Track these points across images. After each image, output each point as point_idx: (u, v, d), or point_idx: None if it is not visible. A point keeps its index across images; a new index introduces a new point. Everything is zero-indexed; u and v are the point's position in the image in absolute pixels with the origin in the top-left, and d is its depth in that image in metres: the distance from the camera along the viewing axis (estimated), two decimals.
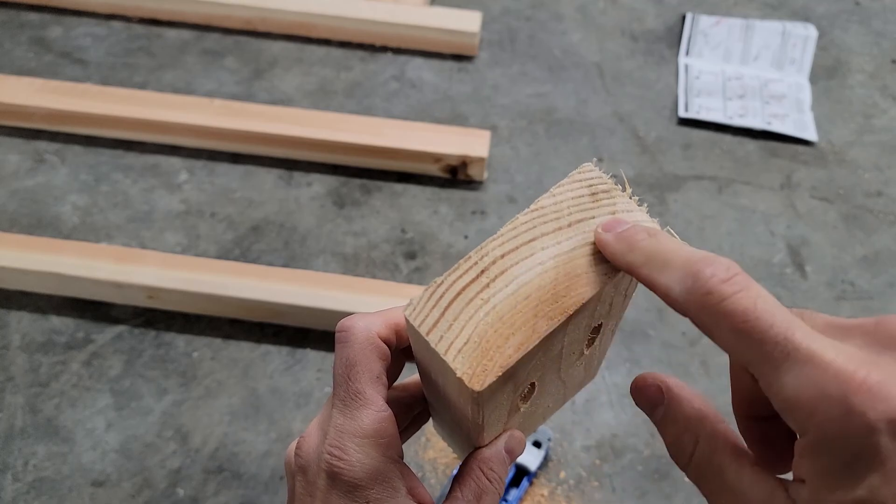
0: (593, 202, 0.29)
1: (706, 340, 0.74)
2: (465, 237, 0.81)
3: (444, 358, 0.26)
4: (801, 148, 0.90)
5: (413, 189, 0.84)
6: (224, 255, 0.78)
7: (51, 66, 0.94)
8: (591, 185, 0.29)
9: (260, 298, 0.71)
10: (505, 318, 0.26)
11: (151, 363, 0.71)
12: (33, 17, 1.00)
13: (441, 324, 0.26)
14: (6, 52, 0.96)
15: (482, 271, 0.27)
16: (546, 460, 0.66)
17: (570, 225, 0.28)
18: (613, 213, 0.28)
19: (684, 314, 0.25)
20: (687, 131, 0.91)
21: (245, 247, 0.79)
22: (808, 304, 0.76)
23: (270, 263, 0.78)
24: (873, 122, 0.93)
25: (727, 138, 0.91)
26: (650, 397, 0.29)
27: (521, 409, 0.32)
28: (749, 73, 0.97)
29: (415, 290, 0.72)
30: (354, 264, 0.78)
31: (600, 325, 0.32)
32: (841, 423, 0.22)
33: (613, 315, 0.32)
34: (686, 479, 0.65)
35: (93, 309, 0.74)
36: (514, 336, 0.26)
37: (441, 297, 0.27)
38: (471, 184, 0.85)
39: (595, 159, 0.31)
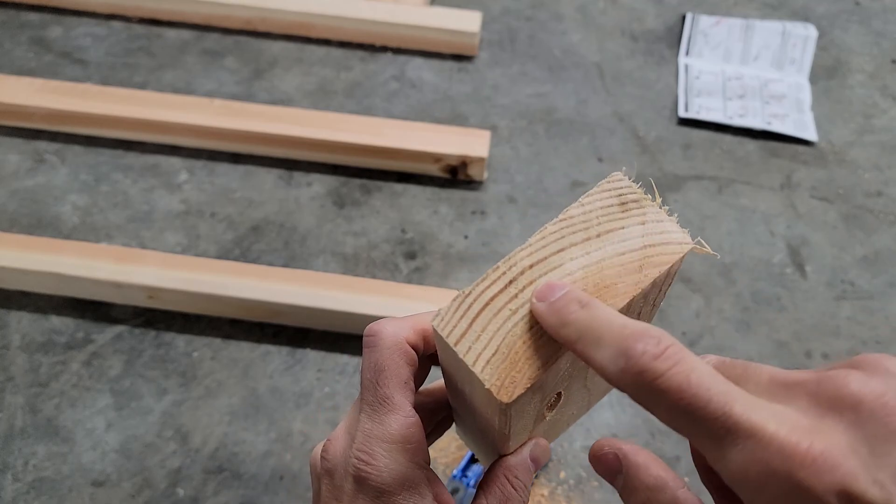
0: (622, 212, 0.28)
1: (706, 341, 0.74)
2: (465, 237, 0.81)
3: (473, 369, 0.26)
4: (801, 148, 0.90)
5: (413, 189, 0.84)
6: (224, 255, 0.78)
7: (51, 66, 0.94)
8: (620, 195, 0.29)
9: (260, 298, 0.71)
10: (534, 328, 0.26)
11: (151, 363, 0.71)
12: (33, 17, 1.00)
13: (469, 334, 0.26)
14: (6, 52, 0.96)
15: (510, 281, 0.27)
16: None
17: (598, 235, 0.28)
18: (643, 224, 0.28)
19: (623, 392, 0.24)
20: (687, 131, 0.91)
21: (245, 247, 0.79)
22: (808, 304, 0.77)
23: (270, 263, 0.78)
24: (873, 122, 0.93)
25: (727, 138, 0.91)
26: (608, 466, 0.28)
27: (547, 418, 0.32)
28: (749, 73, 0.97)
29: (415, 290, 0.72)
30: (354, 264, 0.78)
31: None
32: (789, 500, 0.21)
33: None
34: (686, 479, 0.65)
35: (93, 309, 0.74)
36: (544, 348, 0.26)
37: (469, 307, 0.27)
38: (471, 184, 0.85)
39: (625, 169, 0.31)
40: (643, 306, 0.30)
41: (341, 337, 0.73)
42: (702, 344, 0.73)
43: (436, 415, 0.36)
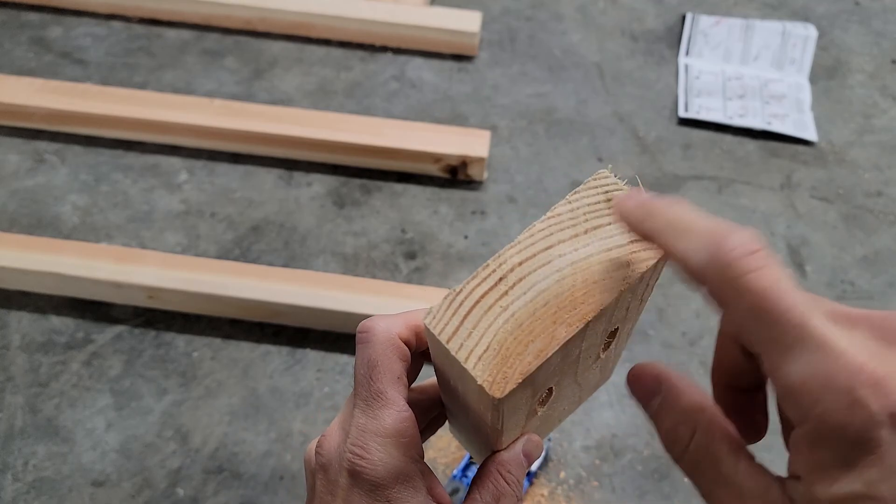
0: (609, 208, 0.29)
1: (706, 341, 0.74)
2: (465, 237, 0.81)
3: (465, 365, 0.26)
4: (801, 148, 0.90)
5: (413, 189, 0.84)
6: (224, 255, 0.78)
7: (51, 66, 0.94)
8: (606, 192, 0.29)
9: (260, 298, 0.71)
10: (524, 325, 0.26)
11: (151, 363, 0.71)
12: (33, 17, 1.00)
13: (461, 331, 0.26)
14: (6, 52, 0.96)
15: (500, 279, 0.27)
16: (546, 460, 0.66)
17: (586, 232, 0.28)
18: None
19: (700, 284, 0.24)
20: (687, 131, 0.91)
21: (245, 247, 0.79)
22: None
23: (270, 263, 0.78)
24: (873, 122, 0.93)
25: (727, 138, 0.91)
26: (647, 387, 0.29)
27: (539, 413, 0.32)
28: (749, 73, 0.97)
29: (415, 290, 0.72)
30: (354, 264, 0.78)
31: (616, 329, 0.32)
32: (844, 414, 0.21)
33: (630, 319, 0.32)
34: (686, 480, 0.65)
35: (93, 309, 0.74)
36: (534, 343, 0.26)
37: (460, 304, 0.27)
38: (471, 184, 0.85)
39: (613, 168, 0.31)
40: (631, 300, 0.30)
41: (341, 337, 0.73)
42: (702, 344, 0.73)
43: (429, 412, 0.36)
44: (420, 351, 0.33)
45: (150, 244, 0.79)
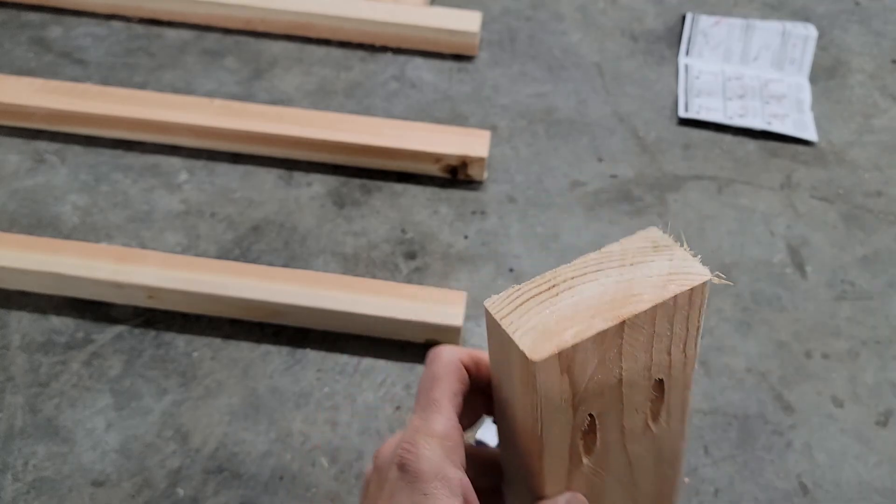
0: (654, 251, 0.35)
1: (706, 341, 0.74)
2: (465, 237, 0.81)
3: (512, 337, 0.31)
4: (801, 148, 0.90)
5: (413, 189, 0.85)
6: (224, 255, 0.78)
7: (51, 66, 0.94)
8: (653, 241, 0.35)
9: (260, 298, 0.71)
10: (566, 316, 0.32)
11: (151, 363, 0.71)
12: (33, 17, 1.00)
13: (513, 315, 0.32)
14: (6, 52, 0.96)
15: (553, 286, 0.33)
16: None
17: (632, 264, 0.34)
18: (671, 260, 0.34)
19: None
20: (687, 131, 0.91)
21: (245, 247, 0.79)
22: (808, 304, 0.77)
23: (270, 263, 0.78)
24: (873, 122, 0.93)
25: (727, 138, 0.91)
26: None
27: (584, 466, 0.35)
28: (749, 73, 0.97)
29: (415, 290, 0.72)
30: (354, 264, 0.78)
31: (662, 383, 0.35)
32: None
33: (675, 377, 0.36)
34: (686, 480, 0.65)
35: (93, 309, 0.74)
36: (572, 329, 0.31)
37: (517, 297, 0.33)
38: (471, 184, 0.85)
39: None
40: (672, 344, 0.35)
41: (341, 337, 0.73)
42: (702, 344, 0.73)
43: (484, 475, 0.39)
44: (479, 387, 0.37)
45: (150, 244, 0.79)
